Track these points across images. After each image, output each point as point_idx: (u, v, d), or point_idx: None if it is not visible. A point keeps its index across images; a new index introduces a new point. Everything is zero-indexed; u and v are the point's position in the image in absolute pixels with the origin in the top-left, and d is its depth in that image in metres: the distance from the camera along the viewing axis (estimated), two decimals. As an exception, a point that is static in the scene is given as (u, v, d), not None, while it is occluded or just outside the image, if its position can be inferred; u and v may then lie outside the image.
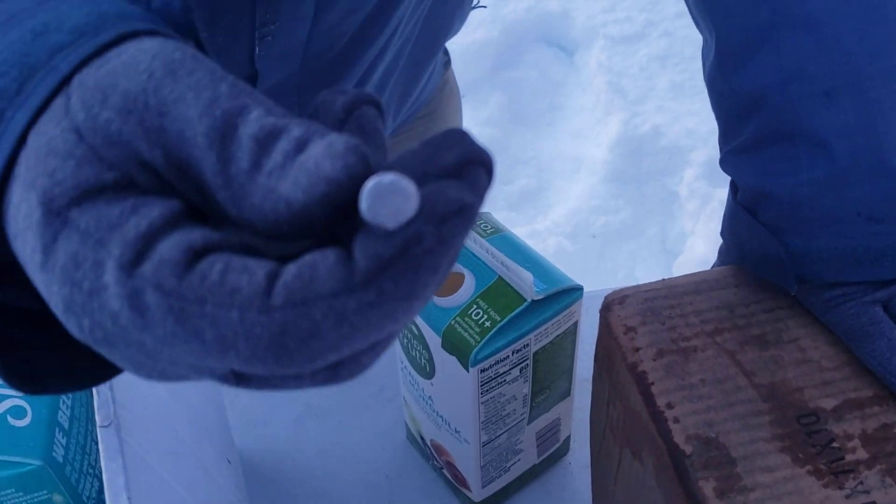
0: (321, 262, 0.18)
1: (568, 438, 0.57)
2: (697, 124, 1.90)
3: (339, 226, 0.19)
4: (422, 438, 0.55)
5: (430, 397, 0.50)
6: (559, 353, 0.48)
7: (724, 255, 0.47)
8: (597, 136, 1.93)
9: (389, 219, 0.18)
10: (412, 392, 0.52)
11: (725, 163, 0.43)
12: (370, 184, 0.18)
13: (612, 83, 2.03)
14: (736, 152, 0.42)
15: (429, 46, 0.58)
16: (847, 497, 0.31)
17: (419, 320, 0.46)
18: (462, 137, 0.20)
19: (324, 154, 0.18)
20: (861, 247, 0.38)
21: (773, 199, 0.39)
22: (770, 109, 0.39)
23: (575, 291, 0.46)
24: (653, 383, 0.36)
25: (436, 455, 0.54)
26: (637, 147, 1.89)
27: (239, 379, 0.20)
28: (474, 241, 0.46)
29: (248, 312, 0.18)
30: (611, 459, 0.42)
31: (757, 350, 0.37)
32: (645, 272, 1.65)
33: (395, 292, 0.18)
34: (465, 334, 0.44)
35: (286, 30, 0.42)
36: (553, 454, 0.56)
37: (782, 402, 0.35)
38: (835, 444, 0.33)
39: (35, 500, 0.41)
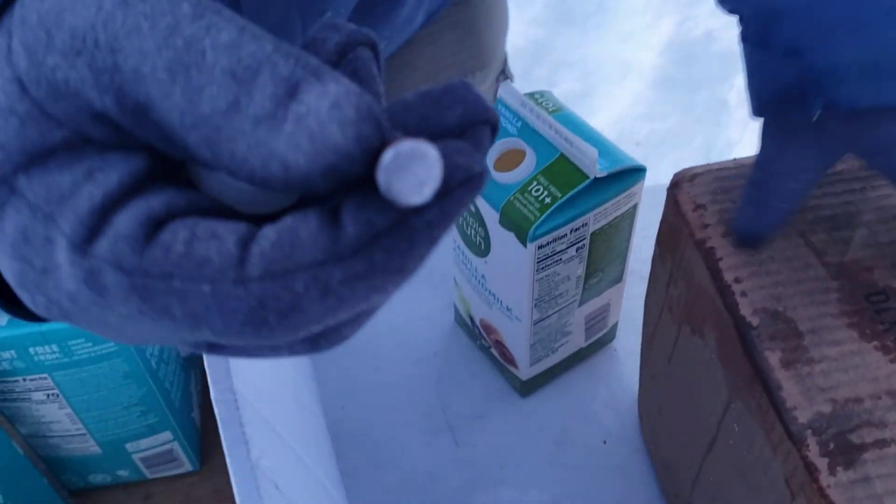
0: (303, 226, 0.16)
1: (615, 326, 0.57)
2: (752, 30, 1.83)
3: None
4: (471, 319, 0.55)
5: (482, 276, 0.50)
6: (616, 234, 0.48)
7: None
8: (647, 39, 1.87)
9: (412, 195, 0.16)
10: (464, 272, 0.52)
11: None
12: (388, 156, 0.15)
13: (665, -16, 1.95)
14: None
15: None
16: (915, 373, 0.31)
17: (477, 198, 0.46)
18: (466, 93, 0.18)
19: (328, 115, 0.15)
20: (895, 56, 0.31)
21: (785, 13, 0.34)
22: None
23: (638, 171, 0.45)
24: (721, 259, 0.35)
25: (484, 335, 0.55)
26: (688, 52, 1.83)
27: (213, 348, 0.19)
28: (537, 117, 0.45)
29: (221, 285, 0.16)
30: (666, 339, 0.42)
31: (827, 231, 0.36)
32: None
33: (386, 265, 0.16)
34: (525, 210, 0.43)
35: None
36: (600, 339, 0.56)
37: (851, 281, 0.34)
38: (904, 325, 0.33)
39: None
